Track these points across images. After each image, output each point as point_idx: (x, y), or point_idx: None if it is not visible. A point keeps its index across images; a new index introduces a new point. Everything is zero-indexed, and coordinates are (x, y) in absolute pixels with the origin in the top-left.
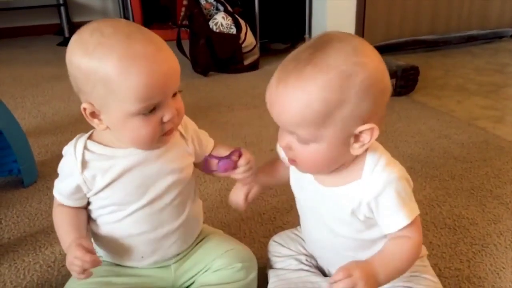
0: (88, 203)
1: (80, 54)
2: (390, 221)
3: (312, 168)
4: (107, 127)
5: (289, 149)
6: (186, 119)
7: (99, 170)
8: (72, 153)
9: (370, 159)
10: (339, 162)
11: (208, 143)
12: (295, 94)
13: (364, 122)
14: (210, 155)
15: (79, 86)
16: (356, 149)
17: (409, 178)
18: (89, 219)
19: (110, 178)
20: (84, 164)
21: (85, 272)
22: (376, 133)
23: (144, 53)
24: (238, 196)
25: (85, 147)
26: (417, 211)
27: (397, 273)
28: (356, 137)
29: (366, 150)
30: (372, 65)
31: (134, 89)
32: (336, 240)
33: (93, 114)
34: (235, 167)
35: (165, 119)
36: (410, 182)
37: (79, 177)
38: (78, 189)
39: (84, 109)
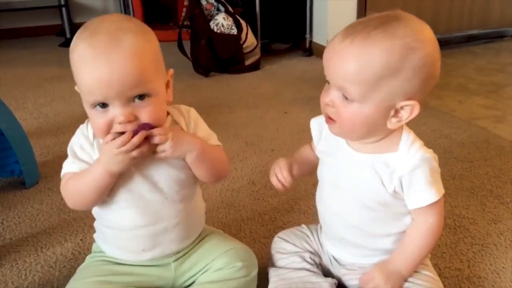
0: None
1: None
2: (421, 196)
3: (347, 128)
4: None
5: (331, 106)
6: (192, 114)
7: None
8: (84, 129)
9: (406, 137)
10: (373, 132)
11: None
12: (360, 50)
13: (408, 99)
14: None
15: None
16: (393, 123)
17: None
18: (94, 213)
19: None
20: (94, 138)
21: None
22: (416, 111)
23: (97, 51)
24: (282, 171)
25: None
26: (443, 191)
27: (418, 260)
28: (396, 112)
29: (401, 128)
30: (432, 49)
31: (83, 82)
32: (357, 212)
33: None
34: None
35: (116, 121)
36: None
37: (90, 146)
38: (87, 152)
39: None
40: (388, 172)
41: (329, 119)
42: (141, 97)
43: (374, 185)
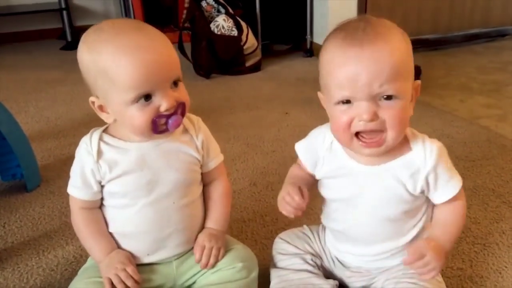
0: (101, 205)
1: (83, 50)
2: (450, 186)
3: (399, 129)
4: (115, 119)
5: (376, 117)
6: (201, 124)
7: (112, 162)
8: (88, 143)
9: (410, 133)
10: (408, 123)
11: (216, 156)
12: (387, 50)
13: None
14: (159, 115)
15: (85, 80)
16: (412, 107)
17: None
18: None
19: (121, 170)
20: (99, 153)
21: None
22: (419, 88)
23: (135, 43)
24: (294, 197)
25: (101, 139)
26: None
27: (456, 237)
28: (414, 92)
29: None
30: None
31: (126, 76)
32: (379, 227)
33: (101, 108)
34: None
35: (162, 108)
36: None
37: (94, 165)
38: (92, 174)
39: (92, 102)
40: (410, 174)
41: (375, 142)
42: (176, 82)
43: (398, 193)
